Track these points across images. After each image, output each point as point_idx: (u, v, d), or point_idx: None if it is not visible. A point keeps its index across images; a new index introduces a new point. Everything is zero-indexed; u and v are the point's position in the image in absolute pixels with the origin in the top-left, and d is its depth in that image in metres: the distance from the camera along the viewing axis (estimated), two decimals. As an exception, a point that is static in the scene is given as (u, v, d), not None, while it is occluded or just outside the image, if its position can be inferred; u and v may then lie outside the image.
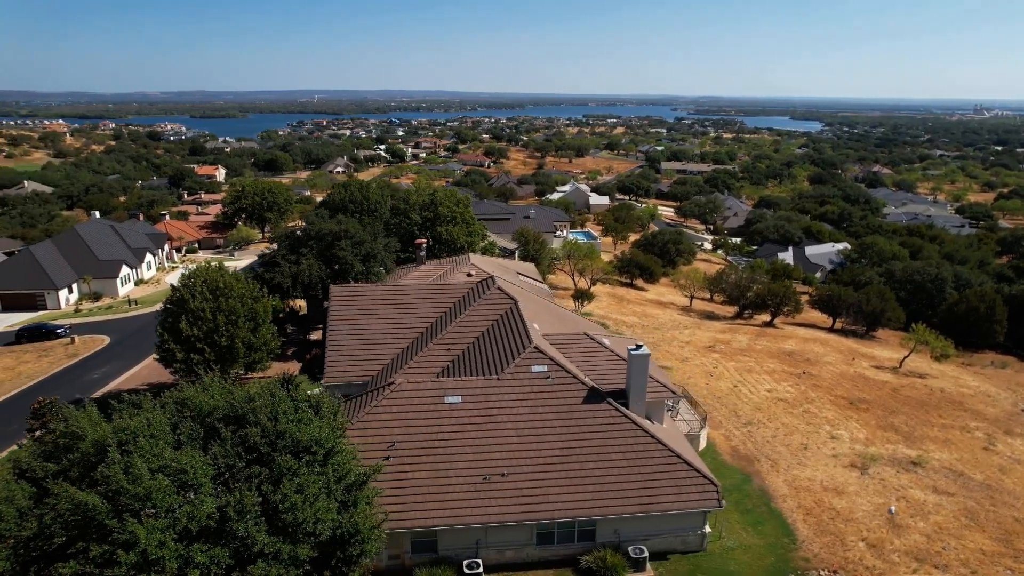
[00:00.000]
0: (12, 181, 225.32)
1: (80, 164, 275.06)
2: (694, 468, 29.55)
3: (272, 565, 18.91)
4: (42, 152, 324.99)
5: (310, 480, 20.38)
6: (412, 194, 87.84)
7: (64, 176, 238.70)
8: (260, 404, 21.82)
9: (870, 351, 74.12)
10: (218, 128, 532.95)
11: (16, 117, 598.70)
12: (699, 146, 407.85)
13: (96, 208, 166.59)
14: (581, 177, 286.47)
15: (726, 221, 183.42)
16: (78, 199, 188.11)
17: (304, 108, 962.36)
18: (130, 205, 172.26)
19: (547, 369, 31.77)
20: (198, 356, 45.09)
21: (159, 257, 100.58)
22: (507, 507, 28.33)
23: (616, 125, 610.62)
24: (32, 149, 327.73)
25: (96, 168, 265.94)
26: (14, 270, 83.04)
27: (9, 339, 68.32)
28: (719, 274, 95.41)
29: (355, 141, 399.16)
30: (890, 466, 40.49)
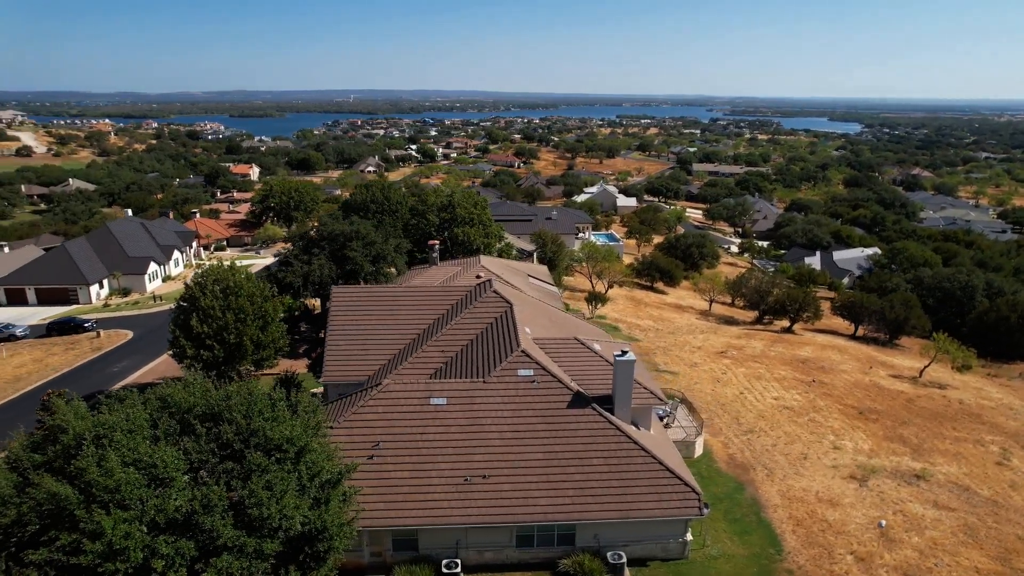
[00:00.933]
0: (59, 179, 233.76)
1: (122, 162, 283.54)
2: (676, 475, 29.50)
3: (237, 558, 19.65)
4: (88, 151, 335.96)
5: (279, 477, 21.06)
6: (430, 195, 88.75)
7: (107, 174, 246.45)
8: (235, 402, 22.61)
9: (890, 360, 72.52)
10: (255, 127, 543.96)
11: (67, 117, 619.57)
12: (733, 148, 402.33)
13: (133, 206, 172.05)
14: (611, 178, 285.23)
15: (755, 224, 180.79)
16: (118, 197, 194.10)
17: (340, 108, 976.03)
18: (165, 203, 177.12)
19: (533, 373, 32.03)
20: (208, 352, 46.45)
21: (186, 254, 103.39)
22: (487, 509, 28.69)
23: (649, 126, 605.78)
24: (79, 148, 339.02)
25: (137, 166, 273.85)
26: (50, 266, 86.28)
27: (41, 332, 71.08)
28: (739, 278, 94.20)
29: (387, 141, 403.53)
30: (891, 479, 39.72)
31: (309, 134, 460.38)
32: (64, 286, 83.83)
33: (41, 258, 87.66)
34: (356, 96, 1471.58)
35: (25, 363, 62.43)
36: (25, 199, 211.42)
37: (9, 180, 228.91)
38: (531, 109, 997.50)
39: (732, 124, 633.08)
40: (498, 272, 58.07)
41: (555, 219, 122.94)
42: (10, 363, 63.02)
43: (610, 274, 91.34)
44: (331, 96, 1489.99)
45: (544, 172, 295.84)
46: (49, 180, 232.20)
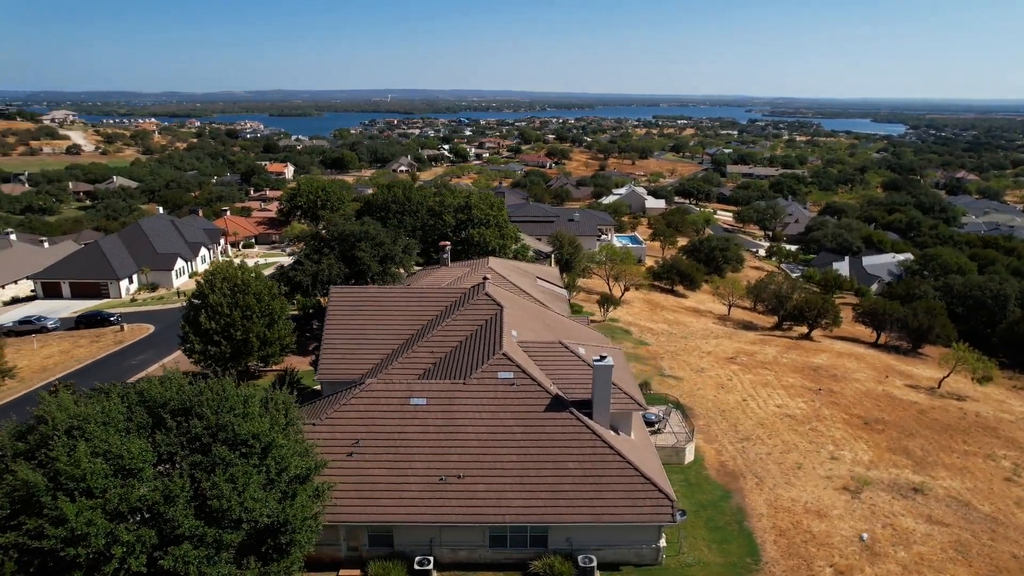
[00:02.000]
0: (103, 176, 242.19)
1: (164, 161, 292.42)
2: (650, 481, 29.55)
3: (196, 547, 20.54)
4: (133, 149, 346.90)
5: (242, 471, 21.91)
6: (448, 196, 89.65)
7: (149, 172, 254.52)
8: (207, 398, 23.57)
9: (909, 369, 70.88)
10: (294, 126, 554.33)
11: (116, 116, 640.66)
12: (770, 149, 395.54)
13: (170, 203, 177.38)
14: (643, 179, 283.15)
15: (785, 228, 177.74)
16: (157, 194, 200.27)
17: (377, 107, 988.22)
18: (200, 200, 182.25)
19: (513, 376, 32.41)
20: (215, 348, 48.01)
21: (213, 251, 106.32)
22: (460, 508, 29.19)
23: (686, 126, 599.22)
24: (124, 146, 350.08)
25: (178, 164, 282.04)
26: (84, 261, 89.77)
27: (71, 324, 74.05)
28: (758, 283, 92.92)
29: (421, 141, 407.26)
30: (886, 491, 39.00)
31: (345, 133, 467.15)
32: (96, 280, 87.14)
33: (76, 253, 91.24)
34: (394, 96, 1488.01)
35: (53, 354, 65.21)
36: (72, 196, 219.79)
37: (58, 177, 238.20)
38: (567, 109, 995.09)
39: (770, 125, 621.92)
40: (505, 274, 58.56)
41: (577, 221, 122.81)
42: (40, 354, 65.89)
43: (627, 277, 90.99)
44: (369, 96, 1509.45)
45: (575, 173, 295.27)
46: (95, 177, 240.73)
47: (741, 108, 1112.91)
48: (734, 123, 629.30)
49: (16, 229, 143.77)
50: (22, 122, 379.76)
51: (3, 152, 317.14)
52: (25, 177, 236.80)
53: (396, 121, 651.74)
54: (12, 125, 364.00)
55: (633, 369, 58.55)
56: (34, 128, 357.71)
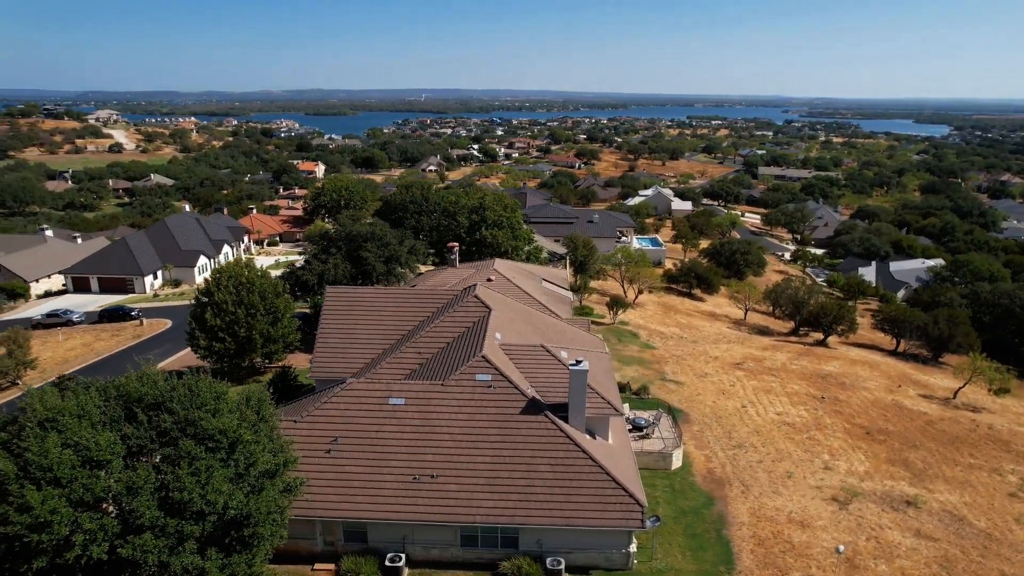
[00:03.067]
0: (141, 174, 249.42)
1: (200, 159, 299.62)
2: (621, 486, 29.63)
3: (157, 537, 21.44)
4: (171, 147, 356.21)
5: (207, 464, 22.75)
6: (462, 197, 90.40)
7: (185, 170, 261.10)
8: (179, 393, 24.51)
9: (926, 379, 69.27)
10: (328, 125, 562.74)
11: (158, 115, 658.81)
12: (804, 151, 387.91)
13: (202, 200, 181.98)
14: (672, 180, 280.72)
15: (814, 231, 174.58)
16: (190, 191, 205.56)
17: (411, 106, 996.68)
18: (231, 198, 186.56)
19: (491, 378, 32.80)
20: (220, 344, 49.49)
21: (236, 249, 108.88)
22: (433, 507, 29.69)
23: (720, 127, 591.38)
24: (163, 145, 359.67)
25: (212, 163, 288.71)
26: (111, 256, 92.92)
27: (94, 318, 76.73)
28: (775, 287, 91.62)
29: (451, 140, 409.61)
30: (876, 503, 38.35)
31: (378, 132, 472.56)
32: (122, 276, 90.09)
33: (104, 249, 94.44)
34: (428, 95, 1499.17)
35: (75, 347, 67.72)
36: (111, 193, 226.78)
37: (99, 175, 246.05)
38: (600, 109, 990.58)
39: (807, 126, 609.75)
40: (509, 276, 58.98)
41: (596, 222, 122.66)
42: (64, 346, 68.50)
43: (642, 280, 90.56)
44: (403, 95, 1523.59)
45: (604, 173, 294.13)
46: (133, 175, 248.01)
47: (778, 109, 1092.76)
48: (769, 124, 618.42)
49: (57, 225, 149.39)
50: (69, 121, 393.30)
51: (50, 150, 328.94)
52: (69, 174, 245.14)
53: (429, 120, 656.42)
54: (60, 124, 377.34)
55: (634, 373, 58.57)
56: (80, 127, 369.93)
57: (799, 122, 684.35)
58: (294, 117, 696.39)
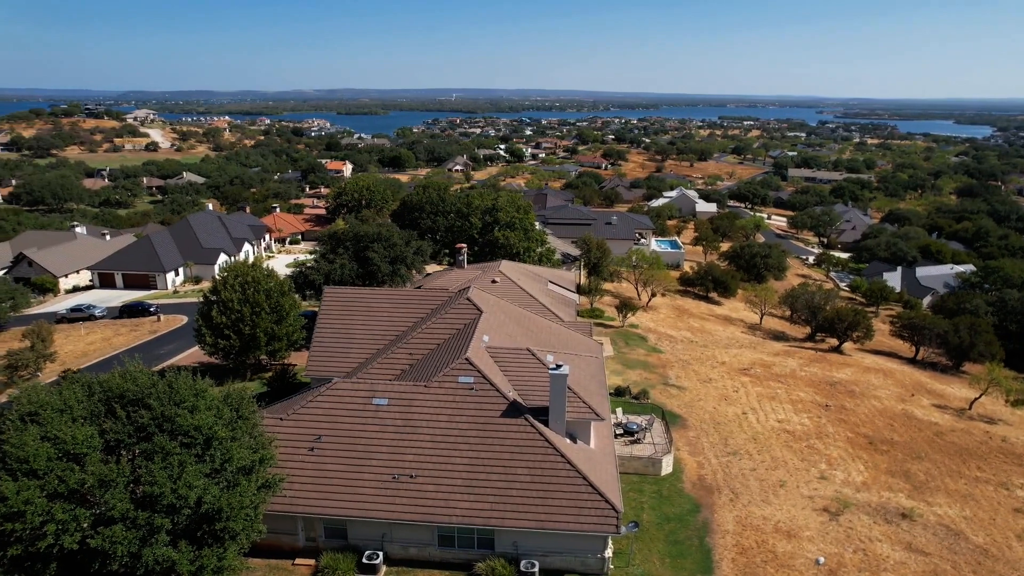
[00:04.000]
0: (174, 172, 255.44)
1: (231, 157, 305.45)
2: (597, 491, 29.66)
3: (128, 529, 22.20)
4: (204, 146, 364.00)
5: (179, 460, 23.47)
6: (475, 198, 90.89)
7: (216, 168, 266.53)
8: (159, 390, 25.30)
9: (942, 388, 67.70)
10: (359, 124, 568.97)
11: (195, 114, 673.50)
12: (837, 153, 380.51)
13: (229, 198, 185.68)
14: (699, 182, 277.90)
15: (840, 235, 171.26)
16: (219, 190, 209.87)
17: (441, 106, 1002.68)
18: (258, 196, 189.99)
19: (473, 381, 33.09)
20: (225, 341, 50.63)
21: (257, 247, 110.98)
22: (411, 507, 30.08)
23: (752, 128, 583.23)
24: (197, 143, 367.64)
25: (243, 161, 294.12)
26: (135, 253, 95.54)
27: (115, 314, 78.99)
28: (791, 292, 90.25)
29: (479, 140, 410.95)
30: (869, 515, 37.69)
31: (408, 132, 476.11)
32: (145, 272, 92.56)
33: (129, 246, 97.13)
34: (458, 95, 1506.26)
35: (95, 341, 69.86)
36: (145, 190, 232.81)
37: (134, 173, 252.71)
38: (631, 109, 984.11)
39: (841, 127, 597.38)
40: (515, 277, 59.29)
41: (615, 224, 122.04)
42: (85, 340, 70.72)
43: (657, 283, 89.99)
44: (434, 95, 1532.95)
45: (631, 174, 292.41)
46: (167, 173, 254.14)
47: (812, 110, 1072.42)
48: (802, 125, 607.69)
49: (91, 222, 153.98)
50: (109, 121, 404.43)
51: (90, 149, 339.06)
52: (106, 172, 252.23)
53: (459, 120, 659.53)
54: (100, 124, 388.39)
55: (637, 377, 58.30)
56: (118, 126, 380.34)
57: (833, 123, 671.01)
58: (326, 116, 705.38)
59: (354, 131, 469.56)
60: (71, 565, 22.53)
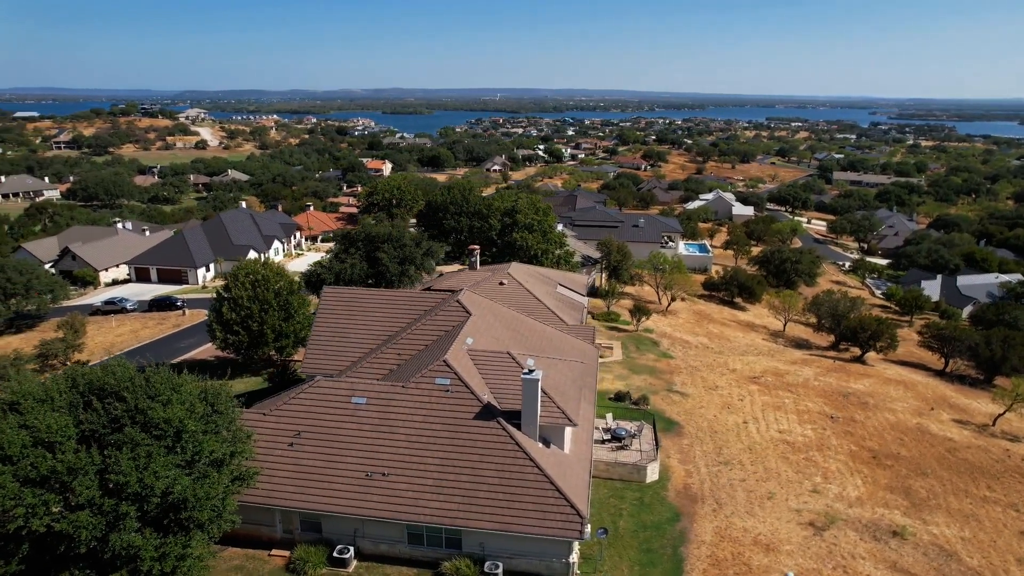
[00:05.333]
0: (220, 169, 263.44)
1: (275, 155, 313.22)
2: (563, 496, 29.81)
3: (93, 516, 23.45)
4: (251, 144, 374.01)
5: (146, 451, 24.62)
6: (496, 200, 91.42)
7: (260, 166, 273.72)
8: (137, 384, 26.55)
9: (967, 402, 65.33)
10: (403, 124, 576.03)
11: (245, 113, 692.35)
12: (888, 155, 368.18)
13: (269, 196, 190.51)
14: (740, 184, 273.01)
15: (881, 241, 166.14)
16: (260, 187, 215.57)
17: (485, 106, 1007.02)
18: (297, 194, 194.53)
19: (449, 383, 33.60)
20: (234, 337, 52.38)
21: (286, 244, 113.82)
22: (382, 504, 30.76)
23: (799, 129, 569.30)
24: (244, 142, 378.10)
25: (287, 159, 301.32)
26: (170, 249, 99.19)
27: (145, 307, 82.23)
28: (815, 299, 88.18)
29: (519, 140, 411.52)
30: (857, 531, 36.80)
31: (450, 131, 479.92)
32: (178, 268, 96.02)
33: (164, 242, 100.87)
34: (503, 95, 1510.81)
35: (124, 333, 72.94)
36: (191, 187, 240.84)
37: (183, 170, 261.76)
38: (676, 110, 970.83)
39: (894, 129, 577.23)
40: (522, 280, 59.59)
41: (642, 227, 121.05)
42: (114, 332, 73.90)
43: (679, 287, 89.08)
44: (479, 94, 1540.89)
45: (670, 176, 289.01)
46: (213, 170, 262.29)
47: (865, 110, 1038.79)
48: (853, 126, 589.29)
49: (138, 218, 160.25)
50: (162, 120, 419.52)
51: (144, 147, 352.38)
52: (156, 170, 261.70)
53: (501, 120, 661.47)
54: (154, 123, 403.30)
55: (641, 382, 57.97)
56: (171, 125, 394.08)
57: (886, 124, 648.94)
58: (371, 115, 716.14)
59: (397, 130, 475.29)
60: (42, 547, 23.91)
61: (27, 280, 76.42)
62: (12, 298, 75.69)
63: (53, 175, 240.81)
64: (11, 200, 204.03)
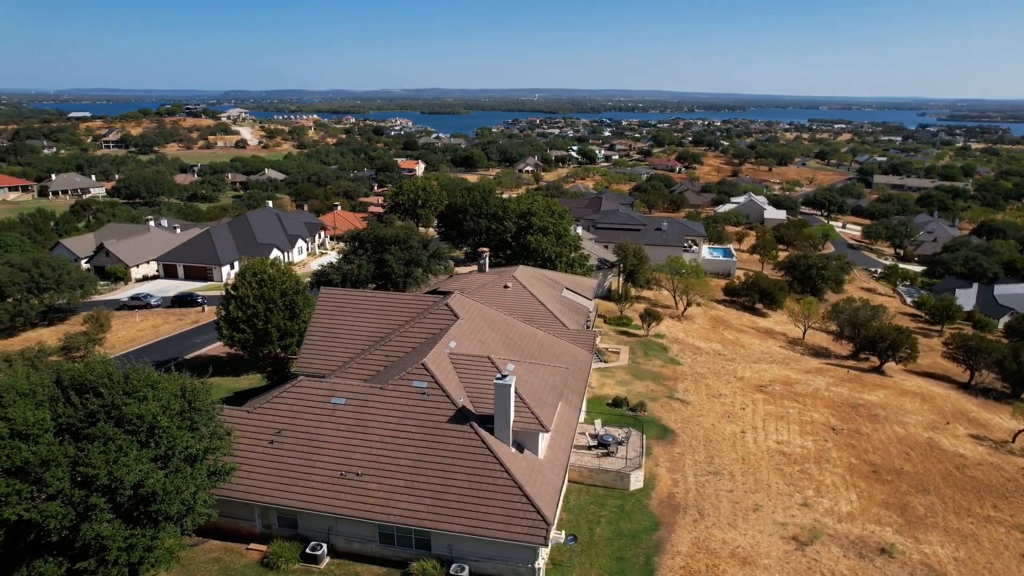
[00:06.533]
0: (257, 168, 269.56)
1: (312, 155, 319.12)
2: (530, 501, 29.91)
3: (63, 506, 24.52)
4: (289, 144, 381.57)
5: (116, 445, 25.63)
6: (511, 202, 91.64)
7: (296, 165, 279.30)
8: (112, 380, 27.64)
9: (988, 418, 63.16)
10: (441, 124, 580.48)
11: (287, 112, 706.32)
12: (935, 158, 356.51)
13: (302, 195, 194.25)
14: (776, 187, 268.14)
15: (918, 247, 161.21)
16: (293, 186, 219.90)
17: (523, 106, 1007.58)
18: (329, 194, 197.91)
19: (426, 386, 34.01)
20: (240, 335, 53.77)
21: (310, 244, 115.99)
22: (355, 503, 31.34)
23: (843, 131, 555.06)
24: (282, 141, 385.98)
25: (323, 159, 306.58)
26: (197, 247, 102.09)
27: (168, 303, 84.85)
28: (834, 306, 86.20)
29: (553, 141, 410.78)
30: (842, 547, 35.98)
31: (487, 132, 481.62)
32: (203, 265, 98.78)
33: (191, 239, 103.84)
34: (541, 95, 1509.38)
35: (146, 328, 75.45)
36: (228, 185, 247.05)
37: (222, 169, 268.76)
38: (716, 111, 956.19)
39: (943, 131, 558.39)
40: (527, 283, 59.82)
41: (664, 231, 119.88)
42: (137, 326, 76.51)
43: (692, 292, 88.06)
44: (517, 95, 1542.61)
45: (704, 178, 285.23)
46: (251, 169, 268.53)
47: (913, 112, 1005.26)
48: (899, 128, 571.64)
49: (175, 215, 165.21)
50: (205, 119, 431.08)
51: (187, 146, 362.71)
52: (197, 168, 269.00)
53: (539, 120, 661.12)
54: (197, 122, 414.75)
55: (642, 388, 57.52)
56: (213, 124, 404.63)
57: (935, 126, 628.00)
58: (409, 115, 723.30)
59: (433, 130, 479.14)
60: (16, 535, 25.07)
61: (58, 275, 79.54)
62: (45, 292, 78.93)
63: (100, 173, 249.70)
64: (60, 197, 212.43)
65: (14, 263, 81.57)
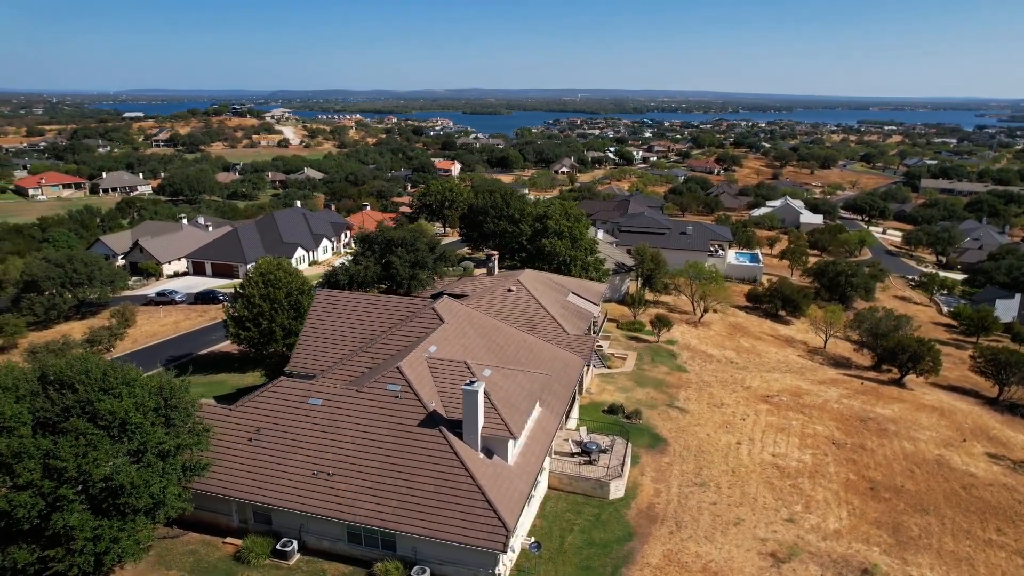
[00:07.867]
0: (296, 167, 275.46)
1: (351, 155, 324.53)
2: (492, 507, 30.05)
3: (32, 497, 25.75)
4: (330, 143, 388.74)
5: (91, 439, 26.79)
6: (529, 206, 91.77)
7: (335, 165, 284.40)
8: (88, 377, 28.88)
9: (1011, 435, 60.70)
10: (481, 124, 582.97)
11: (331, 112, 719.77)
12: (990, 161, 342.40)
13: (337, 194, 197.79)
14: (817, 191, 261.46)
15: (962, 254, 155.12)
16: (331, 185, 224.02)
17: (565, 106, 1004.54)
18: (363, 193, 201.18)
19: (400, 389, 34.48)
20: (245, 333, 55.31)
21: (335, 243, 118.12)
22: (324, 502, 32.00)
23: (892, 133, 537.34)
24: (324, 140, 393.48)
25: (362, 159, 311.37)
26: (224, 244, 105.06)
27: (192, 300, 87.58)
28: (856, 315, 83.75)
29: (591, 142, 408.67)
30: (821, 566, 35.09)
31: (527, 132, 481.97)
32: (230, 263, 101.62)
33: (220, 237, 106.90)
34: (584, 96, 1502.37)
35: (168, 323, 78.10)
36: (268, 184, 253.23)
37: (262, 167, 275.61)
38: (761, 112, 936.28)
39: (1002, 132, 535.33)
40: (531, 287, 60.00)
41: (689, 235, 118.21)
42: (160, 321, 79.25)
43: (714, 298, 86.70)
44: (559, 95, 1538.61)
45: (743, 181, 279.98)
46: (291, 168, 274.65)
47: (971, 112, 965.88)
48: (955, 130, 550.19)
49: (213, 213, 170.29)
50: (250, 119, 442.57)
51: (231, 145, 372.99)
52: (239, 167, 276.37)
53: (580, 121, 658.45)
54: (242, 122, 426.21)
55: (642, 396, 57.00)
56: (257, 124, 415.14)
57: (994, 128, 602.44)
58: (451, 115, 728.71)
59: (473, 130, 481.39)
60: (-10, 523, 26.47)
61: (91, 271, 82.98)
62: (77, 287, 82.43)
63: (148, 171, 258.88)
64: (109, 194, 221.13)
65: (50, 259, 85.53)
